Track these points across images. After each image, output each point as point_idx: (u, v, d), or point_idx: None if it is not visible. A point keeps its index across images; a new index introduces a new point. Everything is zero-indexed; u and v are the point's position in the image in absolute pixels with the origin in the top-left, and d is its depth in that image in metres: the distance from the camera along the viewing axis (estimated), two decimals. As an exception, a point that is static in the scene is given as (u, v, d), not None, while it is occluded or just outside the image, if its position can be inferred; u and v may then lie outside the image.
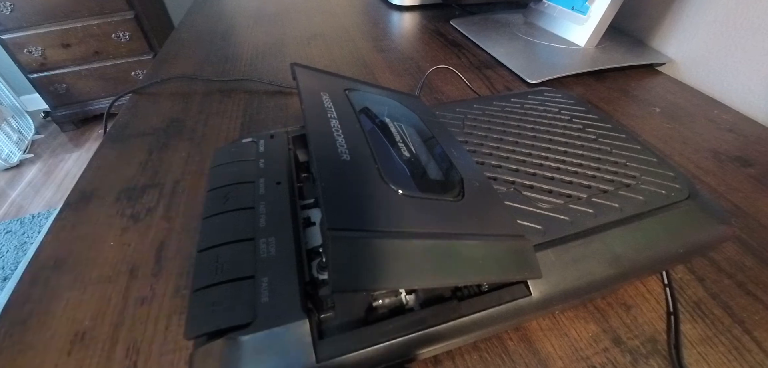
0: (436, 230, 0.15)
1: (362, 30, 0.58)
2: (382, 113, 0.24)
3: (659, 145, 0.35)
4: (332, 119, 0.19)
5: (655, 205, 0.20)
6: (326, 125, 0.18)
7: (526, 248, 0.17)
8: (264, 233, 0.18)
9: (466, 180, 0.19)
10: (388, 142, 0.20)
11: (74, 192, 0.30)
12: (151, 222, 0.27)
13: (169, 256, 0.25)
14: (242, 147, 0.24)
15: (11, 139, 1.61)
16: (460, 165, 0.20)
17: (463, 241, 0.15)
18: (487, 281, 0.16)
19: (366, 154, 0.18)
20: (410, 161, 0.20)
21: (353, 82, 0.25)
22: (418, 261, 0.14)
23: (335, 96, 0.21)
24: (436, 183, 0.19)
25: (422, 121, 0.23)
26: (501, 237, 0.17)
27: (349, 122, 0.19)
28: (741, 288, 0.23)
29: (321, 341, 0.15)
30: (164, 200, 0.29)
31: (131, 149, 0.34)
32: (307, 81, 0.22)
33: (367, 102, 0.23)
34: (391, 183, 0.17)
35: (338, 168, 0.16)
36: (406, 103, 0.25)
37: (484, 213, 0.17)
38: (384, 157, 0.18)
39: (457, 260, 0.15)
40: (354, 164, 0.17)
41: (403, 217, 0.15)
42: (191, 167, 0.32)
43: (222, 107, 0.39)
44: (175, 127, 0.37)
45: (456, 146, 0.22)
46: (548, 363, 0.20)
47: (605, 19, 0.46)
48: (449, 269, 0.15)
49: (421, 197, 0.17)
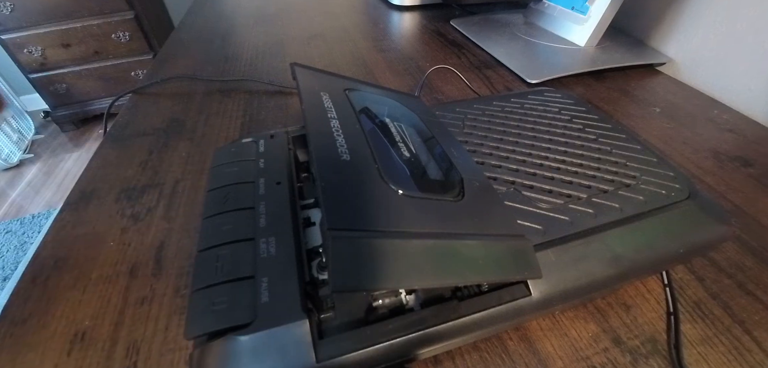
0: (435, 230, 0.15)
1: (362, 30, 0.58)
2: (382, 113, 0.24)
3: (659, 145, 0.35)
4: (332, 119, 0.19)
5: (655, 205, 0.20)
6: (326, 125, 0.18)
7: (526, 249, 0.17)
8: (264, 233, 0.18)
9: (466, 180, 0.19)
10: (388, 142, 0.20)
11: (74, 192, 0.30)
12: (151, 222, 0.27)
13: (169, 256, 0.25)
14: (242, 147, 0.24)
15: (11, 139, 1.61)
16: (460, 165, 0.20)
17: (463, 241, 0.15)
18: (487, 281, 0.16)
19: (366, 154, 0.18)
20: (410, 161, 0.20)
21: (353, 82, 0.25)
22: (418, 261, 0.14)
23: (335, 96, 0.21)
24: (436, 183, 0.19)
25: (422, 121, 0.23)
26: (501, 237, 0.17)
27: (349, 122, 0.19)
28: (741, 288, 0.23)
29: (321, 341, 0.15)
30: (164, 200, 0.29)
31: (131, 149, 0.34)
32: (307, 81, 0.22)
33: (367, 102, 0.23)
34: (391, 183, 0.17)
35: (338, 168, 0.16)
36: (406, 103, 0.25)
37: (484, 213, 0.18)
38: (384, 157, 0.18)
39: (457, 260, 0.15)
40: (354, 164, 0.17)
41: (403, 217, 0.15)
42: (191, 167, 0.32)
43: (222, 106, 0.39)
44: (175, 127, 0.37)
45: (456, 146, 0.22)
46: (548, 363, 0.20)
47: (605, 19, 0.46)
48: (449, 269, 0.15)
49: (421, 197, 0.17)
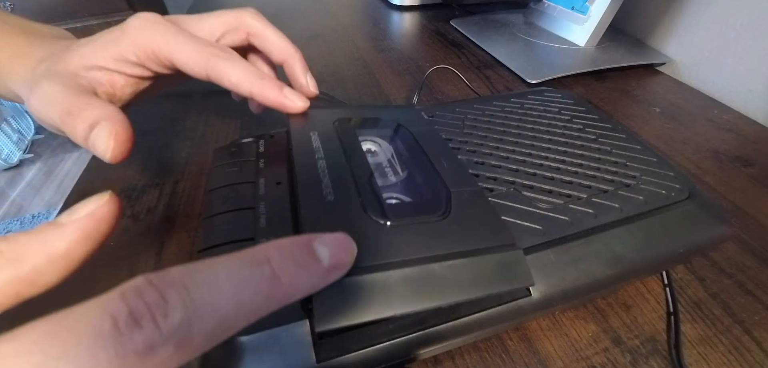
0: (418, 255, 0.16)
1: (362, 30, 0.58)
2: (372, 136, 0.24)
3: (659, 145, 0.35)
4: (319, 159, 0.20)
5: (655, 205, 0.20)
6: (313, 169, 0.19)
7: (515, 259, 0.17)
8: (264, 234, 0.18)
9: (454, 194, 0.19)
10: (374, 170, 0.21)
11: (74, 192, 0.30)
12: (151, 222, 0.27)
13: (169, 256, 0.25)
14: (242, 147, 0.24)
15: (11, 139, 1.61)
16: (450, 178, 0.20)
17: (445, 262, 0.16)
18: (474, 296, 0.16)
19: (350, 189, 0.18)
20: (396, 186, 0.21)
21: (345, 109, 0.25)
22: (399, 290, 0.14)
23: (324, 133, 0.22)
24: (421, 205, 0.19)
25: (414, 136, 0.24)
26: (487, 251, 0.17)
27: (335, 159, 0.20)
28: (741, 287, 0.23)
29: (321, 341, 0.15)
30: (164, 200, 0.29)
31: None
32: (298, 123, 0.22)
33: (356, 129, 0.24)
34: (374, 215, 0.17)
35: (321, 211, 0.16)
36: (399, 117, 0.25)
37: (472, 226, 0.18)
38: (368, 188, 0.19)
39: (439, 282, 0.15)
40: (338, 202, 0.17)
41: (385, 248, 0.16)
42: (191, 167, 0.32)
43: (222, 106, 0.39)
44: (175, 127, 0.37)
45: (448, 156, 0.22)
46: (548, 363, 0.20)
47: (605, 19, 0.46)
48: (432, 292, 0.15)
49: (404, 223, 0.17)
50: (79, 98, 0.19)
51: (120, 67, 0.22)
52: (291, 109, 0.22)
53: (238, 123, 0.37)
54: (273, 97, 0.22)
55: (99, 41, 0.22)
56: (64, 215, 0.13)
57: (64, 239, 0.12)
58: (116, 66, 0.21)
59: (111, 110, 0.19)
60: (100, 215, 0.13)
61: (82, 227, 0.12)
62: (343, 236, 0.14)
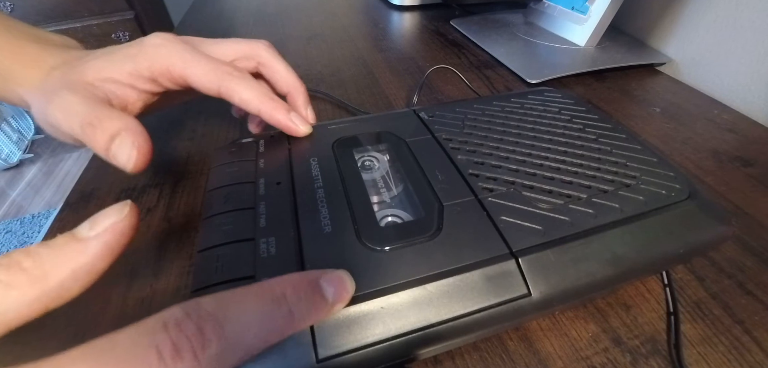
0: (409, 278, 0.16)
1: (362, 30, 0.58)
2: (369, 153, 0.25)
3: (659, 145, 0.35)
4: (318, 188, 0.21)
5: (655, 205, 0.20)
6: (312, 199, 0.20)
7: (508, 270, 0.17)
8: (264, 234, 0.18)
9: (446, 209, 0.19)
10: (370, 187, 0.22)
11: (74, 192, 0.30)
12: (151, 222, 0.27)
13: (169, 256, 0.25)
14: (242, 147, 0.24)
15: (11, 139, 1.61)
16: (443, 191, 0.20)
17: (437, 283, 0.16)
18: (467, 311, 0.16)
19: (345, 218, 0.19)
20: (391, 202, 0.22)
21: (344, 125, 0.26)
22: (393, 313, 0.16)
23: (322, 159, 0.23)
24: (413, 225, 0.20)
25: (409, 147, 0.24)
26: (479, 265, 0.17)
27: (333, 186, 0.21)
28: (741, 287, 0.23)
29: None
30: (164, 200, 0.29)
31: (131, 149, 0.34)
32: (299, 149, 0.24)
33: (353, 150, 0.24)
34: (368, 242, 0.18)
35: (320, 244, 0.18)
36: (397, 127, 0.26)
37: (464, 241, 0.18)
38: (363, 213, 0.19)
39: (432, 302, 0.16)
40: (335, 233, 0.18)
41: (380, 274, 0.16)
42: (191, 167, 0.32)
43: (222, 106, 0.39)
44: (175, 127, 0.37)
45: (443, 165, 0.22)
46: (548, 363, 0.20)
47: (605, 19, 0.46)
48: (425, 312, 0.16)
49: (397, 246, 0.18)
50: (100, 109, 0.20)
51: (134, 82, 0.22)
52: (296, 133, 0.24)
53: (238, 123, 0.37)
54: (281, 118, 0.24)
55: (116, 55, 0.22)
56: (84, 226, 0.13)
57: (87, 254, 0.13)
58: (130, 81, 0.22)
59: (131, 121, 0.20)
60: (121, 228, 0.13)
61: (105, 241, 0.13)
62: (343, 275, 0.15)
